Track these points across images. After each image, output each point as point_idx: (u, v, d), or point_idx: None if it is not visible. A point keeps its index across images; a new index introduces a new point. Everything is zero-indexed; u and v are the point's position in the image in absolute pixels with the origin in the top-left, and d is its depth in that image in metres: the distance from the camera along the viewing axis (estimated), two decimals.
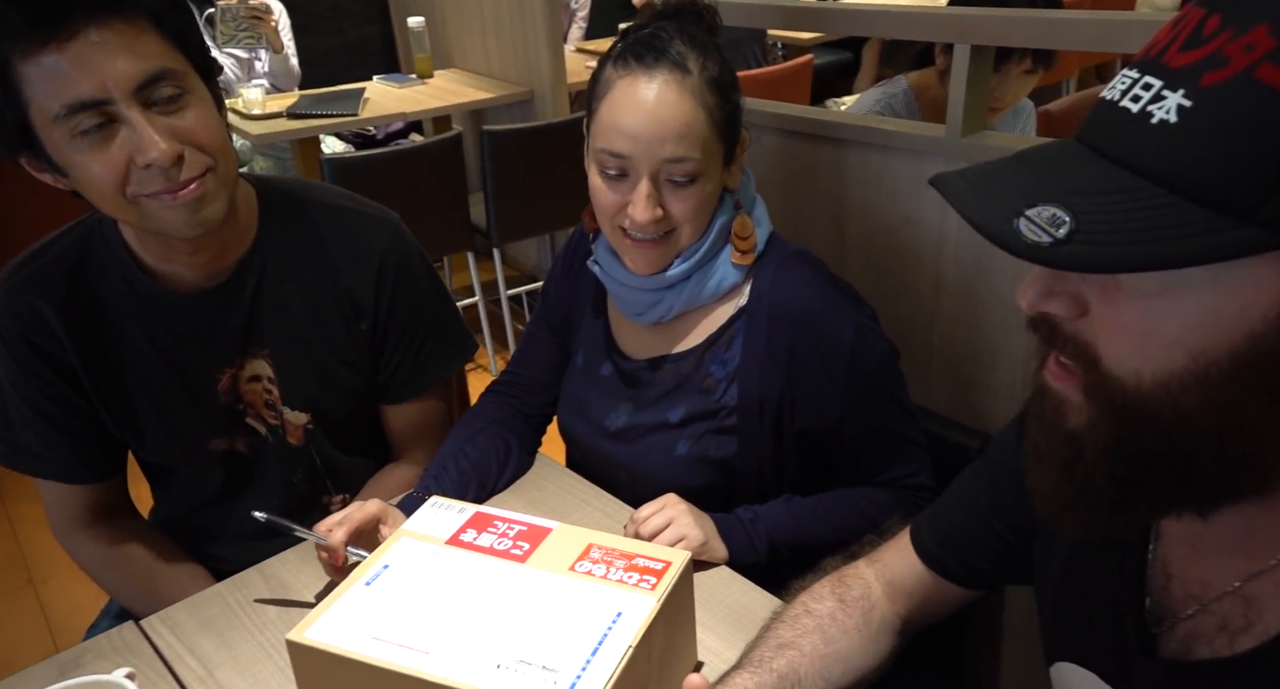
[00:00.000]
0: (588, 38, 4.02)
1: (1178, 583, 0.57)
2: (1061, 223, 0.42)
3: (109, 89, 0.81)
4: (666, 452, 1.03)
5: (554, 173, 2.55)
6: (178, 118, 0.85)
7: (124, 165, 0.84)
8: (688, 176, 0.92)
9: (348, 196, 1.09)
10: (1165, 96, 0.41)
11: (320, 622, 0.73)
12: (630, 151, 0.91)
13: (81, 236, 0.99)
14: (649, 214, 0.92)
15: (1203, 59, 0.41)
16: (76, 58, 0.79)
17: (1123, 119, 0.43)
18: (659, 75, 0.91)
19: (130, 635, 0.91)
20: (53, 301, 0.97)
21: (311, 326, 1.05)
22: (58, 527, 1.08)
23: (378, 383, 1.12)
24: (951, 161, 1.27)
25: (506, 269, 2.88)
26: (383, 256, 1.05)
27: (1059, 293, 0.47)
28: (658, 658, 0.74)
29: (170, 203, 0.86)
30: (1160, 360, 0.44)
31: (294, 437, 1.10)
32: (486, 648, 0.70)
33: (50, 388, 0.99)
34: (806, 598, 0.80)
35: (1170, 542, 0.59)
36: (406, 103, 3.01)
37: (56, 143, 0.83)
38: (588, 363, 1.12)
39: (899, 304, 1.38)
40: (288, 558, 1.01)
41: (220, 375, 1.04)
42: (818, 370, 0.98)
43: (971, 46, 1.20)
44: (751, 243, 1.00)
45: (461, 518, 0.85)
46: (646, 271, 0.99)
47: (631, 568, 0.77)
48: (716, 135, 0.93)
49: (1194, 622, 0.55)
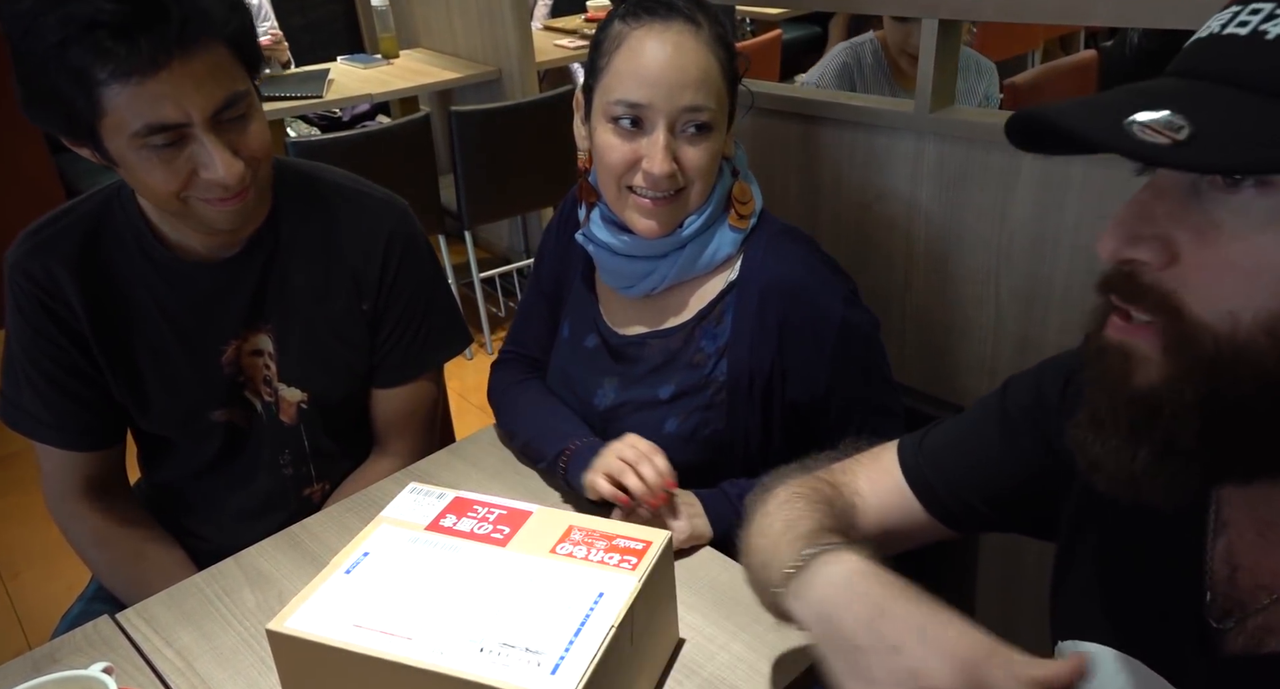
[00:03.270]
0: (554, 15, 3.98)
1: (1245, 573, 0.54)
2: (1179, 127, 0.39)
3: (190, 115, 0.85)
4: (654, 429, 1.03)
5: (524, 153, 2.53)
6: (241, 134, 0.90)
7: (187, 175, 0.88)
8: (703, 126, 0.93)
9: (357, 179, 1.12)
10: (1271, 14, 0.40)
11: (301, 610, 0.73)
12: (650, 99, 0.91)
13: (99, 203, 1.02)
14: (666, 165, 0.92)
15: None
16: (164, 86, 0.82)
17: (1231, 45, 0.42)
18: (674, 25, 0.92)
19: (106, 629, 0.90)
20: (68, 266, 0.99)
21: (315, 304, 1.07)
22: (52, 496, 1.09)
23: (371, 363, 1.12)
24: (922, 136, 1.28)
25: (478, 251, 2.86)
26: (389, 238, 1.08)
27: (1148, 238, 0.45)
28: (640, 637, 0.75)
29: (220, 208, 0.91)
30: (1265, 300, 0.42)
31: (287, 415, 1.11)
32: (469, 632, 0.70)
33: (59, 352, 1.01)
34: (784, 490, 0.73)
35: (1238, 530, 0.55)
36: (372, 84, 2.96)
37: (120, 144, 0.86)
38: (573, 335, 1.12)
39: (873, 278, 1.39)
40: (265, 548, 1.00)
41: (225, 347, 1.06)
42: (808, 344, 0.98)
43: (939, 20, 1.20)
44: (751, 207, 1.01)
45: (441, 503, 0.85)
46: (656, 233, 0.97)
47: (612, 549, 0.78)
48: (728, 89, 0.95)
49: (1267, 614, 0.52)
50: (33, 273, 0.98)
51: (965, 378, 1.36)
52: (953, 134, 1.24)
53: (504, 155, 2.54)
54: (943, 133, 1.25)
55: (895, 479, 0.76)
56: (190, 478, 1.13)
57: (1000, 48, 3.37)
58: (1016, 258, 1.24)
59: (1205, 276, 0.43)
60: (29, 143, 3.09)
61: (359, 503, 1.07)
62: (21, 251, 0.99)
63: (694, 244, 1.00)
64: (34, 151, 3.11)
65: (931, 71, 1.23)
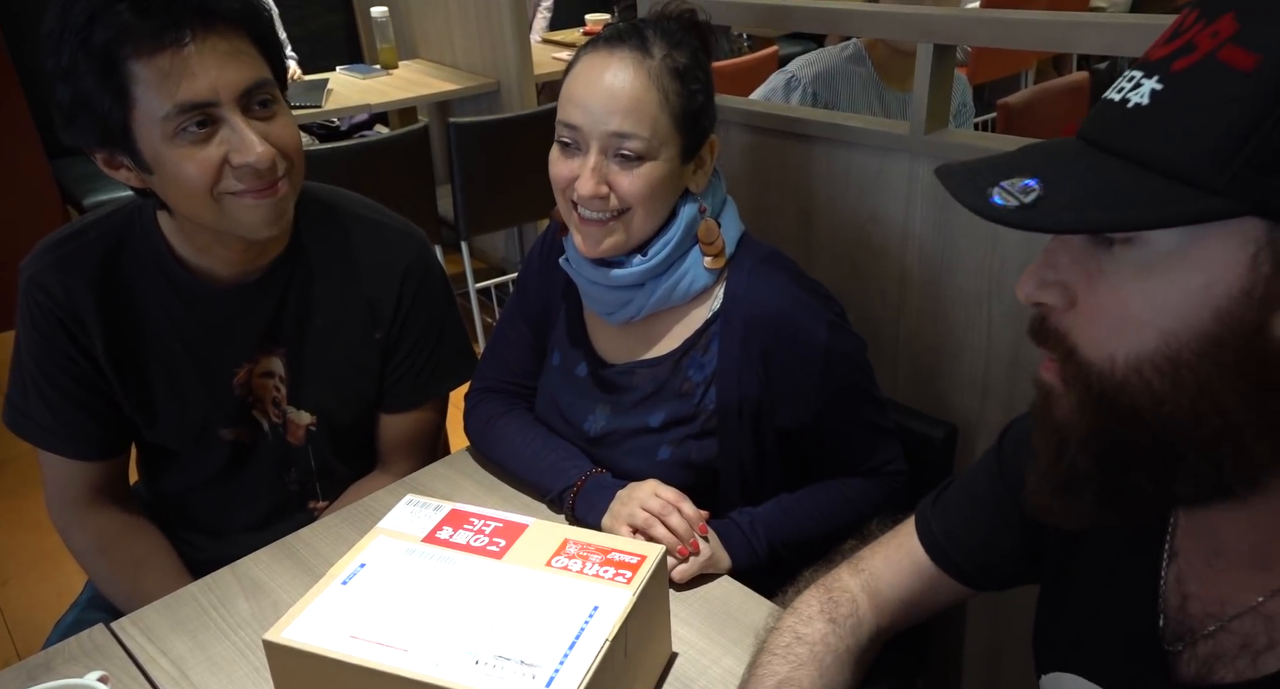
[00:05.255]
0: (553, 28, 4.00)
1: (1195, 601, 0.56)
2: (1031, 190, 0.44)
3: (217, 92, 0.86)
4: (648, 456, 1.04)
5: (522, 165, 2.54)
6: (269, 124, 0.91)
7: (219, 163, 0.89)
8: (635, 154, 0.93)
9: (376, 209, 1.13)
10: (1142, 84, 0.44)
11: (297, 621, 0.74)
12: (580, 122, 0.93)
13: (121, 222, 1.02)
14: (592, 187, 0.93)
15: (1176, 48, 0.44)
16: (190, 62, 0.85)
17: (1109, 110, 0.46)
18: (619, 53, 0.93)
19: (101, 638, 0.90)
20: (88, 283, 0.99)
21: (331, 331, 1.08)
22: (55, 504, 1.09)
23: (381, 389, 1.13)
24: (916, 158, 1.29)
25: (475, 262, 2.86)
26: (407, 268, 1.09)
27: (1051, 283, 0.49)
28: (634, 650, 0.76)
29: (253, 202, 0.91)
30: (1133, 343, 0.45)
31: (295, 436, 1.11)
32: (464, 644, 0.70)
33: (70, 364, 1.01)
34: (795, 622, 0.76)
35: (1187, 558, 0.57)
36: (371, 94, 2.97)
37: (154, 140, 0.87)
38: (564, 362, 1.12)
39: (866, 298, 1.41)
40: (261, 558, 1.01)
41: (238, 369, 1.06)
42: (795, 372, 0.99)
43: (935, 45, 1.22)
44: (718, 247, 1.01)
45: (438, 516, 0.86)
46: (592, 253, 0.98)
47: (607, 562, 0.79)
48: (671, 121, 0.94)
49: (1214, 641, 0.54)
50: (50, 287, 0.99)
51: (957, 398, 1.38)
52: (946, 156, 1.26)
53: (502, 167, 2.56)
54: (937, 154, 1.27)
55: (914, 553, 0.78)
56: (193, 489, 1.13)
57: (993, 68, 3.41)
58: (1008, 280, 1.26)
59: (1091, 320, 0.48)
60: (27, 149, 3.09)
61: (355, 514, 1.07)
62: (40, 265, 0.99)
63: (667, 275, 1.00)
64: (32, 159, 3.11)
65: (926, 95, 1.25)
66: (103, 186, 2.99)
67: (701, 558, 0.94)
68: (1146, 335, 0.45)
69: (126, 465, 1.12)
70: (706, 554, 0.94)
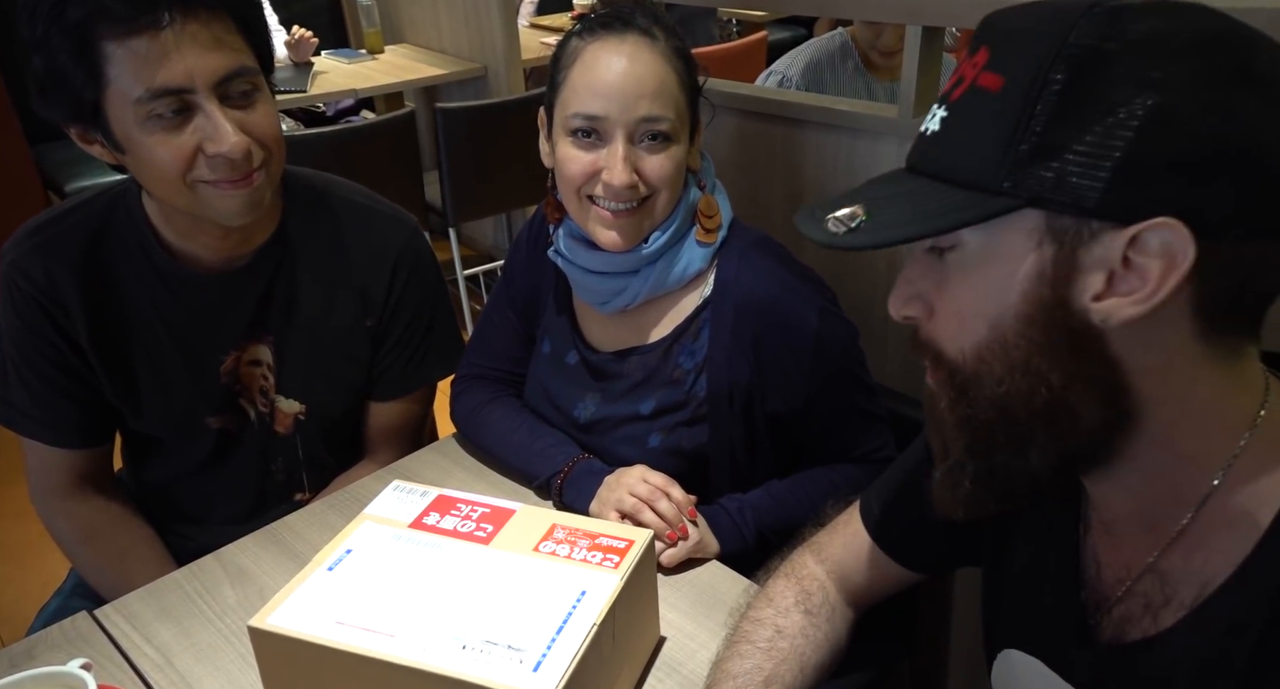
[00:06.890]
0: (540, 13, 3.97)
1: (1107, 569, 0.60)
2: (855, 217, 0.52)
3: (194, 79, 0.84)
4: (638, 444, 1.03)
5: (510, 150, 2.52)
6: (247, 113, 0.88)
7: (192, 152, 0.86)
8: (662, 136, 0.93)
9: (367, 194, 1.11)
10: (935, 114, 0.53)
11: (283, 607, 0.73)
12: (605, 111, 0.91)
13: (105, 206, 1.00)
14: (625, 176, 0.92)
15: (955, 81, 0.52)
16: (166, 46, 0.82)
17: (920, 140, 0.54)
18: (629, 38, 0.93)
19: (84, 625, 0.90)
20: (70, 268, 0.97)
21: (320, 318, 1.06)
22: (39, 492, 1.08)
23: (371, 377, 1.12)
24: (905, 141, 1.29)
25: (463, 249, 2.85)
26: (398, 255, 1.07)
27: (911, 298, 0.56)
28: (622, 635, 0.75)
29: (228, 192, 0.89)
30: (972, 334, 0.52)
31: (282, 426, 1.10)
32: (452, 629, 0.70)
33: (52, 351, 1.00)
34: (773, 614, 0.79)
35: (1096, 530, 0.62)
36: (357, 79, 2.94)
37: (126, 122, 0.85)
38: (554, 351, 1.11)
39: (856, 283, 1.40)
40: (246, 545, 1.00)
41: (225, 357, 1.05)
42: (785, 358, 0.99)
43: (923, 27, 1.22)
44: (717, 221, 1.01)
45: (424, 501, 0.85)
46: (620, 246, 0.96)
47: (595, 547, 0.78)
48: (686, 101, 0.95)
49: (1124, 604, 0.58)
50: (32, 272, 0.97)
51: None
52: None
53: (489, 153, 2.54)
54: None
55: (862, 536, 0.81)
56: (178, 478, 1.12)
57: None
58: None
59: (944, 322, 0.55)
60: (6, 134, 3.05)
61: (341, 500, 1.07)
62: (22, 249, 0.98)
63: (663, 260, 0.99)
64: (11, 143, 3.07)
65: (915, 78, 1.24)
66: (84, 172, 2.96)
67: (690, 543, 0.93)
68: (979, 325, 0.52)
69: (111, 453, 1.11)
70: (695, 539, 0.94)
